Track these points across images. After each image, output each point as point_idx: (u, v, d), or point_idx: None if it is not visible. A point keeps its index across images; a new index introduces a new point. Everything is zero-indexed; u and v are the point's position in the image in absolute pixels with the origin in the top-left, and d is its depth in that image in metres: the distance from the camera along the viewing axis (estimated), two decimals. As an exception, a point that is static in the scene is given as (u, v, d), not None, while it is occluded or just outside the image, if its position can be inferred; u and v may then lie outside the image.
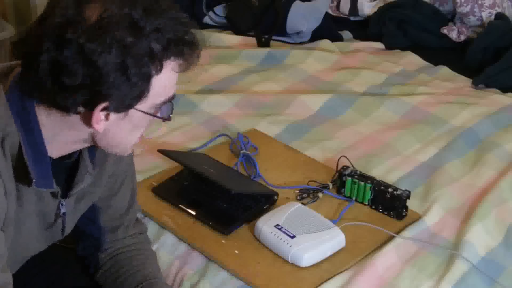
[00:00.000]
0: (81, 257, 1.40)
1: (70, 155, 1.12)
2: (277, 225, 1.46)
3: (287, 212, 1.49)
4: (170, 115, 1.13)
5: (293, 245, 1.42)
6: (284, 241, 1.43)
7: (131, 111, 1.05)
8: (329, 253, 1.44)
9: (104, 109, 1.02)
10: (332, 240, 1.45)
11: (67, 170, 1.15)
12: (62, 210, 1.17)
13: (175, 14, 1.03)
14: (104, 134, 1.06)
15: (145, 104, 1.05)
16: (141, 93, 1.03)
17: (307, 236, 1.44)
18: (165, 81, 1.06)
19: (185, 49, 1.05)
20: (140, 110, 1.05)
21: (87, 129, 1.05)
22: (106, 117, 1.03)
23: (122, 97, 1.01)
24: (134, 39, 0.99)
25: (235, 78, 2.16)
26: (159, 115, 1.10)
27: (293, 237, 1.43)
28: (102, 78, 0.98)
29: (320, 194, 1.61)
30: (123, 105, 1.03)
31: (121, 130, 1.07)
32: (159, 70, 1.03)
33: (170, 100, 1.11)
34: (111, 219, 1.33)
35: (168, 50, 1.03)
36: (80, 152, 1.14)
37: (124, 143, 1.11)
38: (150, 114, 1.07)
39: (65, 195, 1.16)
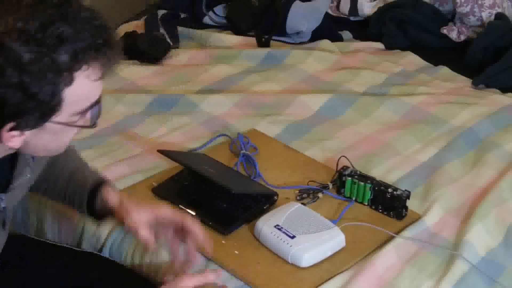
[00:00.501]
0: (80, 257, 1.39)
1: None
2: (277, 225, 1.46)
3: (287, 212, 1.49)
4: (96, 121, 1.08)
5: (293, 245, 1.42)
6: (284, 241, 1.43)
7: (47, 124, 1.00)
8: (329, 253, 1.44)
9: (13, 128, 0.97)
10: (332, 240, 1.45)
11: (6, 162, 1.12)
12: (2, 205, 1.15)
13: (83, 18, 0.98)
14: (26, 146, 1.02)
15: (62, 115, 1.00)
16: (51, 108, 0.97)
17: (307, 236, 1.44)
18: (80, 91, 1.00)
19: (97, 55, 0.99)
20: (57, 122, 1.00)
21: (4, 144, 1.01)
22: (20, 134, 0.99)
23: (29, 116, 0.96)
24: (32, 55, 0.93)
25: (235, 78, 2.16)
26: (81, 123, 1.04)
27: (293, 237, 1.43)
28: (2, 100, 0.93)
29: (320, 194, 1.61)
30: (34, 123, 0.98)
31: (43, 140, 1.03)
32: (70, 82, 0.97)
33: (94, 105, 1.05)
34: None
35: (76, 60, 0.97)
36: None
37: (54, 148, 1.08)
38: (69, 125, 1.02)
39: (4, 189, 1.13)
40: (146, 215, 1.31)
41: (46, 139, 1.03)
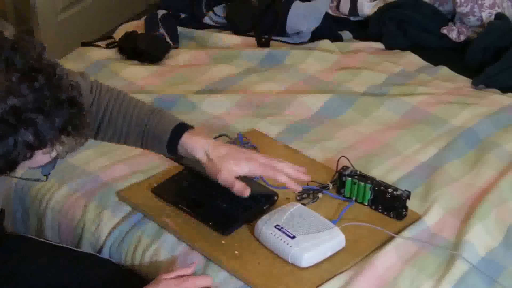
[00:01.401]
0: (79, 258, 1.40)
1: None
2: (277, 225, 1.46)
3: (287, 212, 1.49)
4: (48, 175, 1.13)
5: (293, 245, 1.42)
6: (284, 242, 1.43)
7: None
8: (329, 253, 1.44)
9: None
10: (332, 240, 1.45)
11: None
12: None
13: (61, 103, 1.01)
14: None
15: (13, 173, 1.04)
16: (4, 170, 1.02)
17: (307, 237, 1.44)
18: (37, 160, 1.05)
19: (64, 138, 1.03)
20: (11, 176, 1.05)
21: None
22: None
23: None
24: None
25: (235, 78, 2.16)
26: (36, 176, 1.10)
27: (293, 237, 1.43)
28: None
29: (320, 194, 1.61)
30: None
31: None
32: (29, 157, 1.02)
33: (49, 163, 1.09)
34: None
35: (41, 144, 1.01)
36: None
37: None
38: (24, 179, 1.10)
39: None
40: (242, 173, 1.43)
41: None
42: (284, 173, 1.45)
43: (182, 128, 1.45)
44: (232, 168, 1.42)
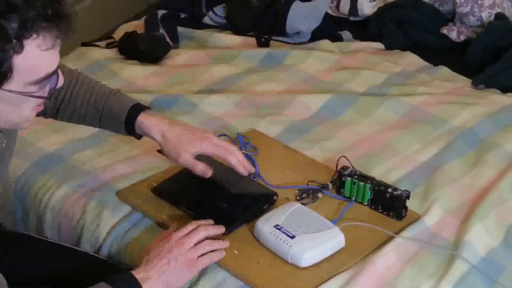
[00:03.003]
0: (78, 256, 1.39)
1: None
2: (277, 225, 1.46)
3: (287, 212, 1.49)
4: (52, 91, 1.10)
5: (293, 245, 1.42)
6: (283, 241, 1.43)
7: (1, 92, 1.02)
8: (329, 253, 1.44)
9: None
10: (332, 240, 1.45)
11: None
12: None
13: None
14: None
15: (15, 84, 1.02)
16: (2, 75, 0.99)
17: (307, 236, 1.44)
18: (31, 60, 1.02)
19: (48, 25, 1.01)
20: (9, 91, 1.02)
21: None
22: None
23: None
24: None
25: (235, 78, 2.16)
26: (36, 93, 1.06)
27: (292, 237, 1.43)
28: None
29: (319, 194, 1.61)
30: None
31: (1, 110, 1.05)
32: (20, 50, 0.99)
33: (49, 77, 1.06)
34: None
35: (26, 28, 0.99)
36: None
37: (14, 119, 1.09)
38: (24, 94, 1.04)
39: None
40: (195, 152, 1.49)
41: (4, 109, 1.05)
42: (235, 155, 1.52)
43: (138, 108, 1.50)
44: (187, 148, 1.48)
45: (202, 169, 1.50)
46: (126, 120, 1.49)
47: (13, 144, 1.30)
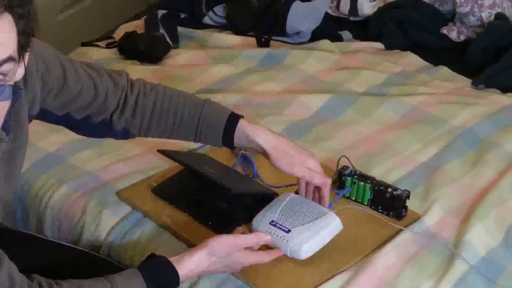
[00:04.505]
0: (78, 256, 1.39)
1: None
2: (272, 221, 1.45)
3: (281, 205, 1.48)
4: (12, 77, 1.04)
5: (290, 239, 1.41)
6: (280, 237, 1.42)
7: None
8: (327, 240, 1.43)
9: None
10: (329, 226, 1.43)
11: None
12: None
13: None
14: None
15: None
16: None
17: (302, 228, 1.42)
18: None
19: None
20: None
21: None
22: None
23: None
24: None
25: (235, 78, 2.16)
26: None
27: (288, 231, 1.42)
28: None
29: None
30: None
31: None
32: None
33: (5, 62, 1.00)
34: (91, 106, 1.39)
35: None
36: None
37: None
38: None
39: None
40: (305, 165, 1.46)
41: None
42: (327, 188, 1.49)
43: (236, 116, 1.47)
44: (300, 160, 1.45)
45: (321, 179, 1.46)
46: (225, 129, 1.46)
47: (22, 146, 1.27)
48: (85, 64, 1.41)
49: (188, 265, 1.30)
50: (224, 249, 1.33)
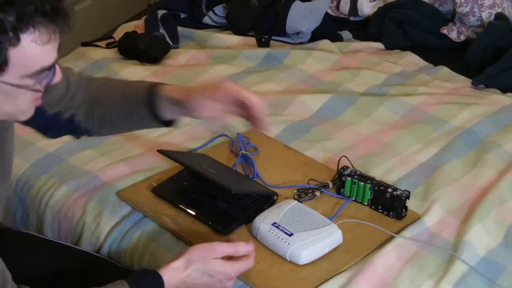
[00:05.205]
0: (77, 256, 1.39)
1: None
2: (274, 223, 1.46)
3: (284, 209, 1.49)
4: (48, 86, 1.10)
5: (291, 242, 1.42)
6: (282, 239, 1.43)
7: None
8: (327, 250, 1.44)
9: None
10: (330, 237, 1.45)
11: None
12: None
13: None
14: None
15: (11, 76, 1.03)
16: None
17: (304, 234, 1.43)
18: (27, 53, 1.03)
19: (45, 20, 1.02)
20: (5, 82, 1.03)
21: None
22: None
23: None
24: None
25: (235, 78, 2.15)
26: (32, 86, 1.07)
27: (290, 234, 1.43)
28: None
29: (317, 193, 1.61)
30: None
31: None
32: (16, 43, 1.00)
33: (44, 71, 1.07)
34: (64, 100, 1.36)
35: (22, 22, 1.00)
36: None
37: (10, 111, 1.09)
38: (19, 87, 1.05)
39: None
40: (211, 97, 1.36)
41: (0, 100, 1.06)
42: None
43: (154, 84, 1.40)
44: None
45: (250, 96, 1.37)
46: (145, 96, 1.37)
47: (9, 129, 1.27)
48: None
49: (168, 272, 1.25)
50: (199, 255, 1.27)
